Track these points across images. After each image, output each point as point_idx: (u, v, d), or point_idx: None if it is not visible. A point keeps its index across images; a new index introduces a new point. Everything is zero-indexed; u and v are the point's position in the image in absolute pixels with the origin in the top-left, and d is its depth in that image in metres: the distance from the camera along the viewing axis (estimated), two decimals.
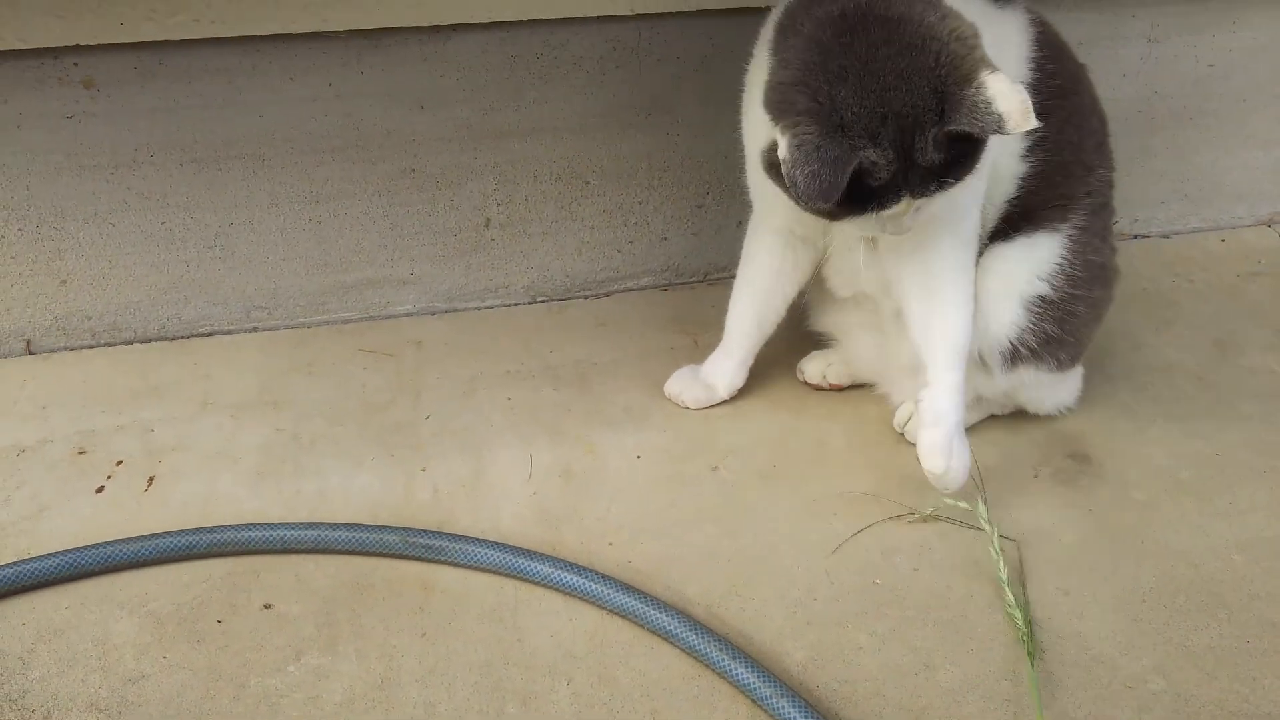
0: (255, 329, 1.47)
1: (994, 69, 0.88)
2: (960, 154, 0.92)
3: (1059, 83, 1.09)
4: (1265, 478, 1.18)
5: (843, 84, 0.88)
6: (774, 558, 1.09)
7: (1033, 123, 0.87)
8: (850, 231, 1.03)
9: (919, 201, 0.94)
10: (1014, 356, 1.14)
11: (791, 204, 0.98)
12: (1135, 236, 1.73)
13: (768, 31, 1.03)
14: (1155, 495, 1.16)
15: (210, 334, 1.46)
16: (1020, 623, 0.98)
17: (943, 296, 1.10)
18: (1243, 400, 1.32)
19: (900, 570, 1.07)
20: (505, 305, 1.53)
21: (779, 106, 0.91)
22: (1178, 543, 1.10)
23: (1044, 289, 1.12)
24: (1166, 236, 1.73)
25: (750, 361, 1.31)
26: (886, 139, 0.88)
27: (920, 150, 0.89)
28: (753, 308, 1.26)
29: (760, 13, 1.35)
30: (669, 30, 1.38)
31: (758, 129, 1.00)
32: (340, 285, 1.46)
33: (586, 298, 1.55)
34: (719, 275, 1.59)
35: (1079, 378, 1.26)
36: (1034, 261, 1.12)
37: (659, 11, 1.34)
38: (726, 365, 1.30)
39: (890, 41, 0.89)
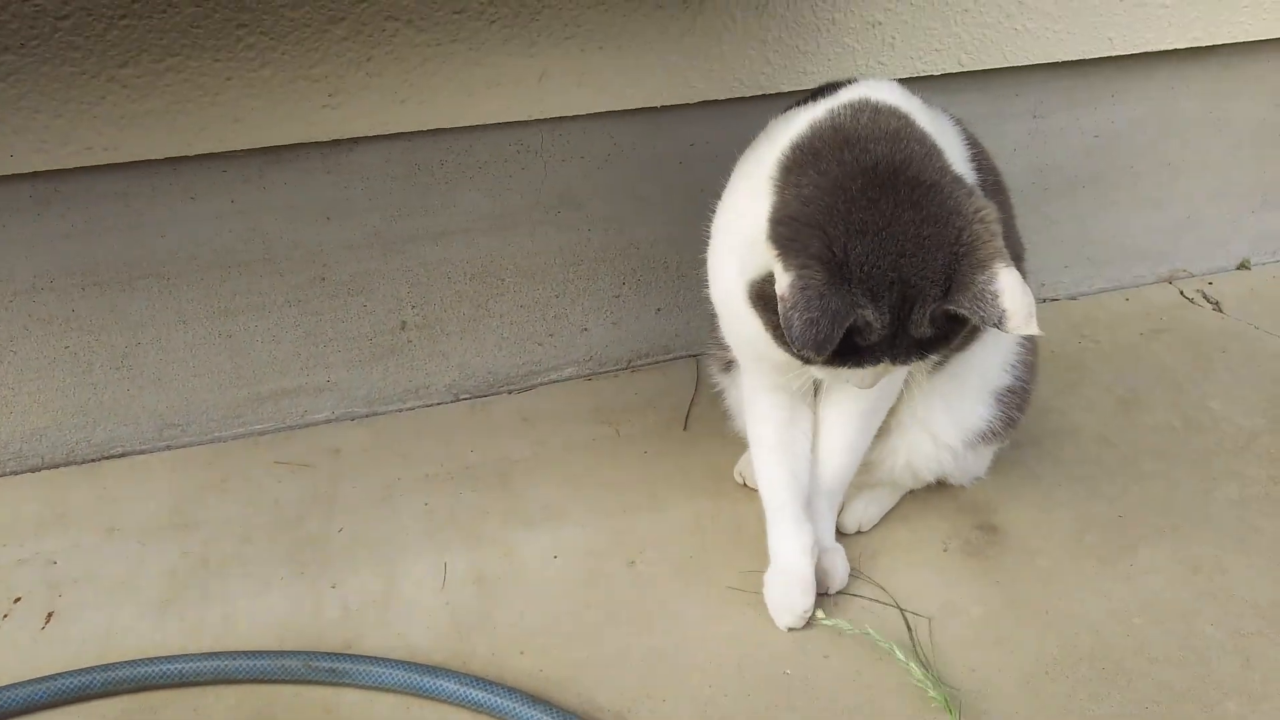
0: (169, 447, 1.45)
1: (1009, 263, 0.87)
2: (947, 331, 0.91)
3: (992, 178, 1.14)
4: (1165, 537, 1.21)
5: (861, 239, 0.86)
6: (686, 654, 1.08)
7: (1035, 329, 0.86)
8: (813, 371, 1.00)
9: (895, 367, 0.94)
10: (980, 440, 1.19)
11: (766, 344, 0.96)
12: (1043, 300, 1.78)
13: (763, 168, 0.97)
14: (1059, 561, 1.18)
15: (122, 455, 1.44)
16: (941, 699, 0.99)
17: (847, 441, 1.14)
18: (1144, 459, 1.35)
19: (811, 657, 1.06)
20: (427, 406, 1.53)
21: (789, 243, 0.87)
22: (1080, 609, 1.11)
23: (1009, 379, 1.17)
24: (1074, 298, 1.79)
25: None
26: (887, 303, 0.87)
27: (915, 322, 0.88)
28: (785, 464, 1.16)
29: (655, 112, 1.42)
30: (571, 132, 1.42)
31: (742, 258, 0.97)
32: (255, 397, 1.46)
33: (510, 393, 1.56)
34: (642, 362, 1.61)
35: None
36: (1003, 353, 1.16)
37: (560, 115, 1.38)
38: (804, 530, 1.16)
39: (917, 206, 0.87)
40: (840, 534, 1.22)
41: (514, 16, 1.26)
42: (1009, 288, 0.85)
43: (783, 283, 0.86)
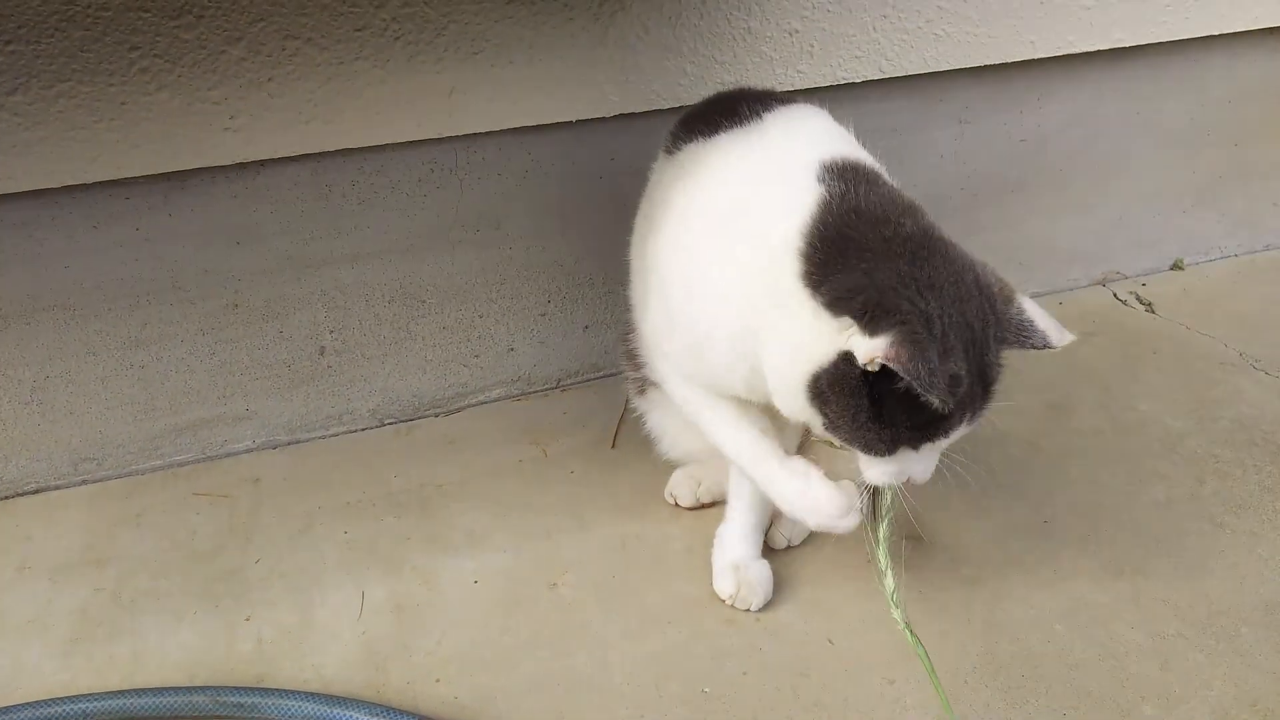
0: (85, 481, 1.41)
1: (1020, 292, 0.92)
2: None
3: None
4: (1088, 541, 1.20)
5: (932, 293, 0.85)
6: (605, 677, 1.05)
7: (1070, 337, 0.89)
8: (879, 473, 0.94)
9: (967, 428, 0.92)
10: None
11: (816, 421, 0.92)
12: None
13: (777, 277, 0.91)
14: (983, 570, 1.16)
15: (36, 491, 1.40)
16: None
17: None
18: (1071, 463, 1.34)
19: (729, 675, 1.04)
20: (351, 432, 1.50)
21: (877, 308, 0.84)
22: (1003, 617, 1.09)
23: None
24: None
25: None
26: (965, 354, 0.86)
27: (990, 364, 0.88)
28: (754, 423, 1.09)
29: (571, 126, 1.40)
30: (486, 148, 1.40)
31: (795, 342, 0.91)
32: (172, 428, 1.42)
33: (437, 416, 1.53)
34: (571, 381, 1.59)
35: None
36: None
37: (473, 132, 1.36)
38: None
39: (952, 261, 0.89)
40: (769, 549, 1.21)
41: (419, 32, 1.25)
42: (1036, 311, 0.90)
43: (879, 345, 0.82)
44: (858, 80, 1.52)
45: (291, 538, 1.29)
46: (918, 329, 0.83)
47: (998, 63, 1.60)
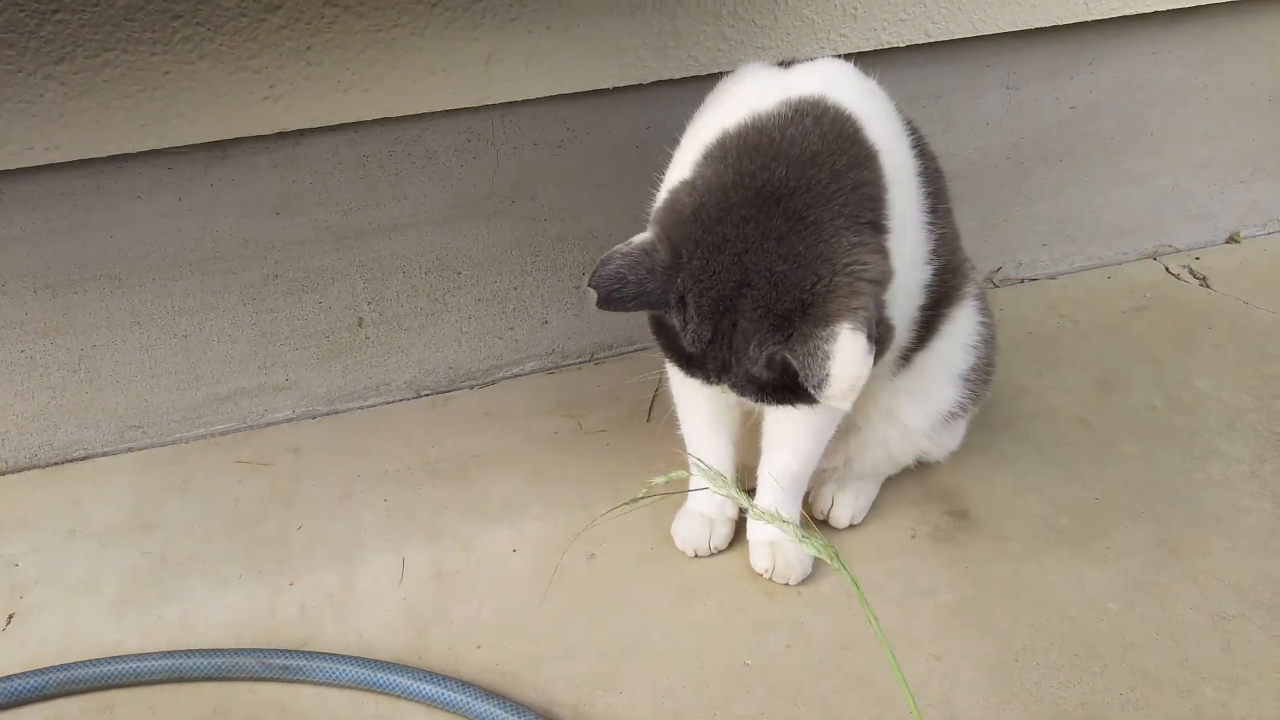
0: (130, 449, 1.43)
1: (859, 326, 0.78)
2: (793, 381, 0.82)
3: (934, 164, 1.09)
4: (1143, 519, 1.16)
5: (714, 255, 0.80)
6: (645, 646, 1.05)
7: (847, 405, 0.80)
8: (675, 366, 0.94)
9: (732, 394, 0.87)
10: (950, 419, 1.15)
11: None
12: (1022, 280, 1.74)
13: (691, 144, 0.95)
14: (1032, 546, 1.14)
15: (84, 458, 1.42)
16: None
17: (796, 446, 1.07)
18: (1123, 440, 1.30)
19: (771, 649, 1.03)
20: (388, 403, 1.51)
21: (658, 214, 0.86)
22: (1053, 595, 1.07)
23: (973, 358, 1.14)
24: (1053, 278, 1.74)
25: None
26: (711, 323, 0.81)
27: (751, 359, 0.82)
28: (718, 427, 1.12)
29: (608, 94, 1.38)
30: (522, 118, 1.39)
31: None
32: (214, 397, 1.43)
33: (472, 388, 1.53)
34: (605, 354, 1.58)
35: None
36: (963, 335, 1.13)
37: (509, 100, 1.35)
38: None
39: (784, 241, 0.80)
40: (833, 530, 1.19)
41: None
42: (844, 352, 0.78)
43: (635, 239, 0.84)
44: (902, 45, 1.48)
45: (332, 505, 1.30)
46: (658, 251, 0.83)
47: (1049, 25, 1.55)
